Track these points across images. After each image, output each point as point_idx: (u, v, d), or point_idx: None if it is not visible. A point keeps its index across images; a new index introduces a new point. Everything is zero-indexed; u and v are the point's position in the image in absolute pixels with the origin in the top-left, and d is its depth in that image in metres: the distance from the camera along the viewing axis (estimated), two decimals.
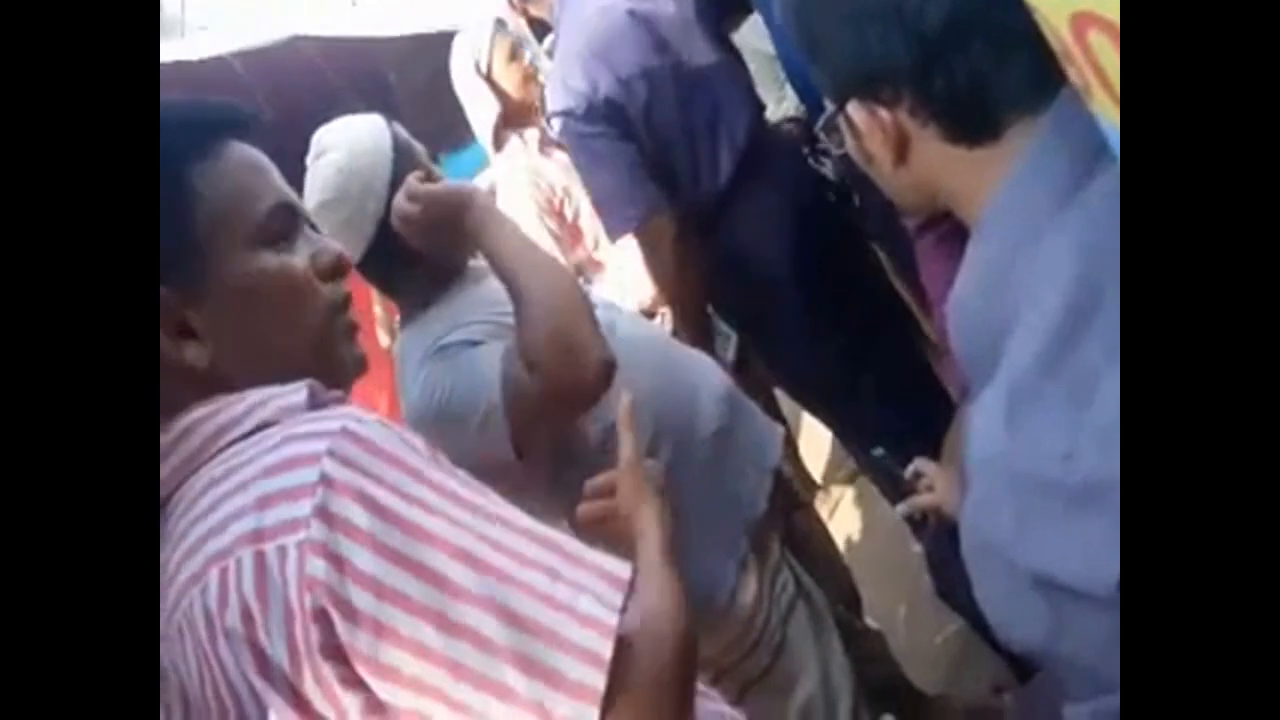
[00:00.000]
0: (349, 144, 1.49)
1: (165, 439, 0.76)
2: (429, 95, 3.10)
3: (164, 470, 0.76)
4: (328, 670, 0.67)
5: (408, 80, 3.49)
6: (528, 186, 2.67)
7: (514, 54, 2.77)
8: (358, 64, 3.52)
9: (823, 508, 2.94)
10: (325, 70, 3.43)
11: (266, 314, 0.83)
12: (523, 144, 2.77)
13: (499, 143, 2.77)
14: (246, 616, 0.68)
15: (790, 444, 2.80)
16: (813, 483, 3.01)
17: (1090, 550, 0.62)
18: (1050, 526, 0.64)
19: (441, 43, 2.88)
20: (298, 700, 0.68)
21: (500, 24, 2.78)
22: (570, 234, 2.71)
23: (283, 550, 0.67)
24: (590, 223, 2.61)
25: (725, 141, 2.12)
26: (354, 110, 1.60)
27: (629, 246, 2.17)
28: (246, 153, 0.85)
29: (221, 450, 0.75)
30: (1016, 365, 0.70)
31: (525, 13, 2.56)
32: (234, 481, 0.72)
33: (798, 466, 2.93)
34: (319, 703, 0.68)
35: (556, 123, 2.17)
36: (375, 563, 0.67)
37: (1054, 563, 0.64)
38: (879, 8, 0.77)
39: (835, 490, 3.08)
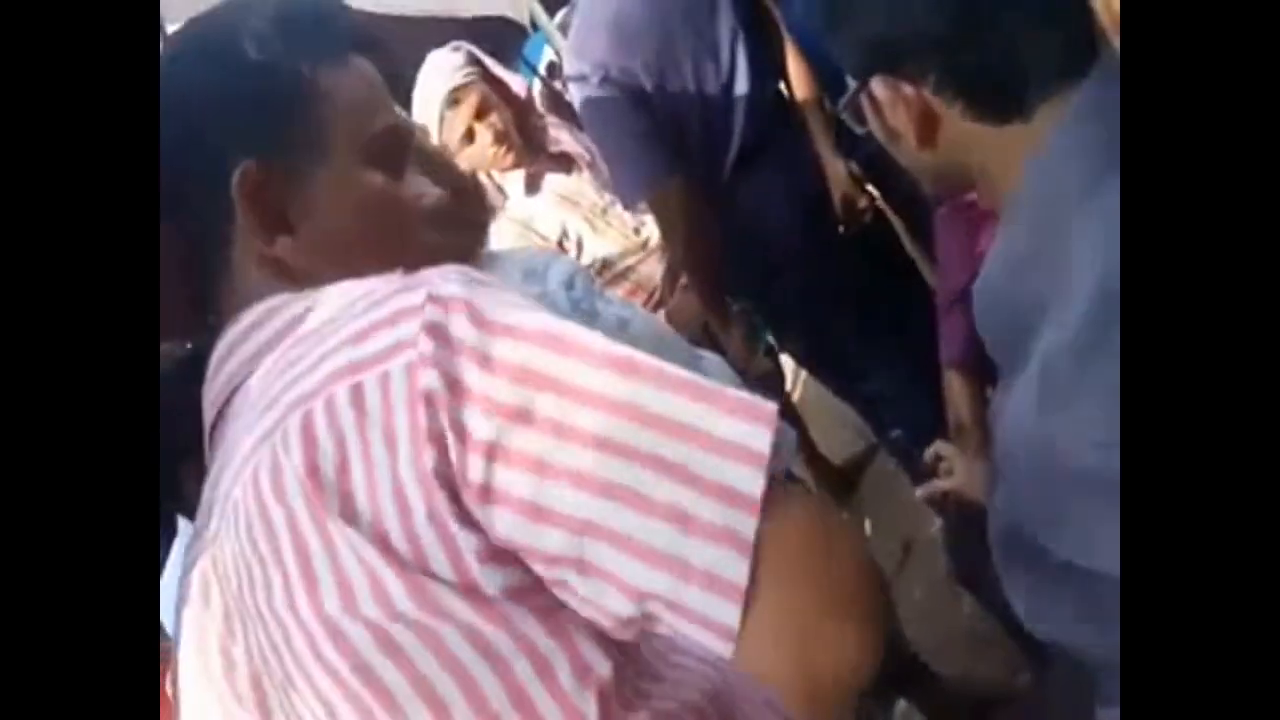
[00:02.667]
0: None
1: (236, 328, 0.73)
2: None
3: (234, 361, 0.73)
4: (441, 500, 0.59)
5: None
6: (518, 240, 2.35)
7: (471, 131, 2.18)
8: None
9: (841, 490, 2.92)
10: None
11: (362, 232, 0.81)
12: (499, 195, 2.36)
13: None
14: (340, 458, 0.61)
15: (805, 440, 2.77)
16: (831, 468, 2.98)
17: None
18: (1088, 516, 0.62)
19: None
20: (389, 547, 0.60)
21: (451, 99, 2.17)
22: None
23: (385, 375, 0.61)
24: (594, 246, 2.34)
25: (739, 113, 2.09)
26: None
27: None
28: (371, 69, 0.86)
29: (294, 341, 0.70)
30: (1049, 355, 0.68)
31: None
32: (314, 340, 0.67)
33: (813, 456, 2.90)
34: (430, 545, 0.60)
35: (570, 86, 2.15)
36: (488, 380, 0.60)
37: (1090, 554, 0.62)
38: None
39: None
